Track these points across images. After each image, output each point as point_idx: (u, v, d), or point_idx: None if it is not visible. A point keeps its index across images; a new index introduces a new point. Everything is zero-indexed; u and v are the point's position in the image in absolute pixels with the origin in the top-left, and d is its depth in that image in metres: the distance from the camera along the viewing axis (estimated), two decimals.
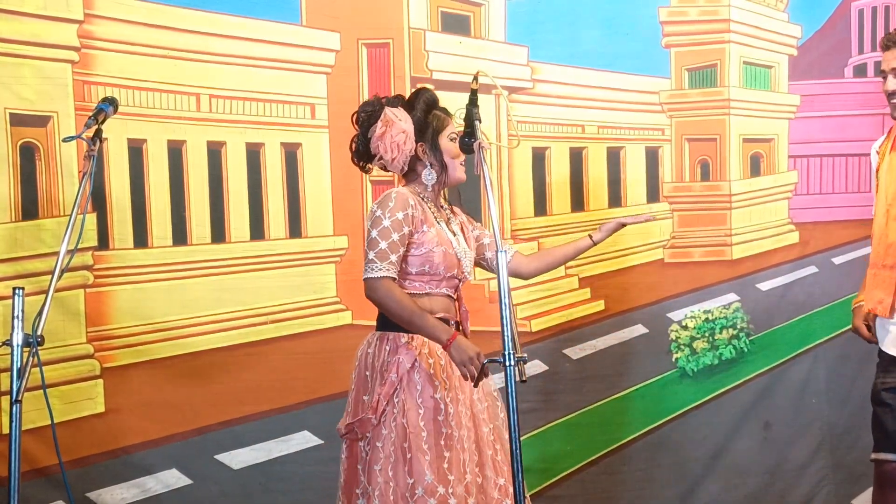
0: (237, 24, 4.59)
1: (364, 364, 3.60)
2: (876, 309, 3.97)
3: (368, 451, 3.52)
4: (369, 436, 3.51)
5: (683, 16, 5.43)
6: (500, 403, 3.70)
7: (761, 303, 5.51)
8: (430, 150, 3.64)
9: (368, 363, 3.58)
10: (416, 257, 3.56)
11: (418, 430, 3.47)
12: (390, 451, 3.48)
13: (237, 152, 4.65)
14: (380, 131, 3.59)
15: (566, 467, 5.14)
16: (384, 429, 3.49)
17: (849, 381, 5.43)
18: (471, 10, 5.01)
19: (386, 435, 3.49)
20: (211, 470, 4.58)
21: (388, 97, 3.71)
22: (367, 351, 3.60)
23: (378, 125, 3.60)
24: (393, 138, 3.58)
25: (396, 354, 3.52)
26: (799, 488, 5.47)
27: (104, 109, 3.56)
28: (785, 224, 5.59)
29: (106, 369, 4.41)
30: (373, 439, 3.51)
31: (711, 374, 5.42)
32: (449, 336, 3.43)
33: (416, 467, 3.44)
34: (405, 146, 3.59)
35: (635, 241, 5.29)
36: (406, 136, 3.59)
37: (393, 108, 3.63)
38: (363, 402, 3.56)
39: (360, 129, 3.66)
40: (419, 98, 3.69)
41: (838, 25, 5.70)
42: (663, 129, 5.41)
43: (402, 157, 3.60)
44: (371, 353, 3.58)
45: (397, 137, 3.58)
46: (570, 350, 5.18)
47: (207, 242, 4.60)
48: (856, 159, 5.59)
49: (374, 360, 3.56)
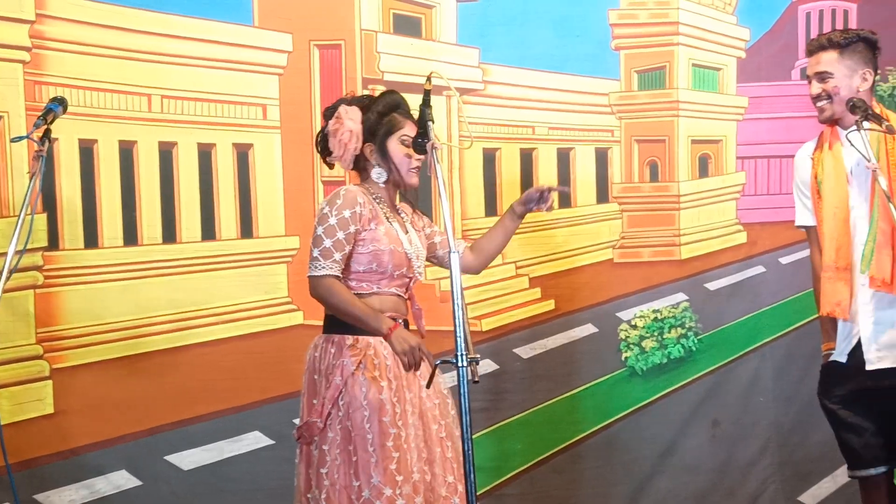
0: (189, 25, 4.58)
1: (312, 367, 3.63)
2: (834, 311, 3.95)
3: (316, 455, 3.55)
4: (317, 439, 3.54)
5: (633, 18, 5.47)
6: (451, 401, 3.72)
7: (709, 302, 5.56)
8: (378, 152, 3.67)
9: (315, 366, 3.61)
10: (364, 255, 3.60)
11: (363, 431, 3.49)
12: (336, 454, 3.51)
13: (188, 153, 4.64)
14: (332, 127, 3.67)
15: (516, 466, 5.16)
16: (330, 432, 3.52)
17: (796, 379, 5.50)
18: (422, 12, 5.03)
19: (332, 438, 3.52)
20: (161, 471, 4.55)
21: (357, 96, 3.78)
22: (314, 354, 3.63)
23: (332, 121, 3.67)
24: (340, 136, 3.64)
25: (341, 357, 3.55)
26: (747, 485, 5.53)
27: (53, 109, 3.55)
28: (733, 224, 5.65)
29: (55, 370, 4.38)
30: (319, 443, 3.53)
31: (660, 373, 5.47)
32: (390, 326, 3.49)
33: (362, 469, 3.47)
34: (350, 144, 3.64)
35: (585, 241, 5.34)
36: (351, 136, 3.64)
37: (349, 106, 3.68)
38: (312, 406, 3.58)
39: (325, 122, 3.74)
40: (378, 100, 3.75)
41: (786, 28, 5.77)
42: (613, 130, 5.44)
43: (348, 156, 3.66)
44: (317, 357, 3.61)
45: (343, 136, 3.64)
46: (520, 349, 5.21)
47: (159, 243, 4.58)
48: None
49: (320, 364, 3.59)
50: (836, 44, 3.90)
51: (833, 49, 3.90)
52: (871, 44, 3.95)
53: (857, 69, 3.90)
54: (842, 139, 3.93)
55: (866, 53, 3.93)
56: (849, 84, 3.89)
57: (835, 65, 3.90)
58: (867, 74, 3.91)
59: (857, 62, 3.90)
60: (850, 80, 3.89)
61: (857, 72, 3.90)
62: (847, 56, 3.90)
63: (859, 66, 3.90)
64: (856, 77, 3.89)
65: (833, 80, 3.90)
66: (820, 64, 3.93)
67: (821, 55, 3.93)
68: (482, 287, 5.07)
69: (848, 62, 3.89)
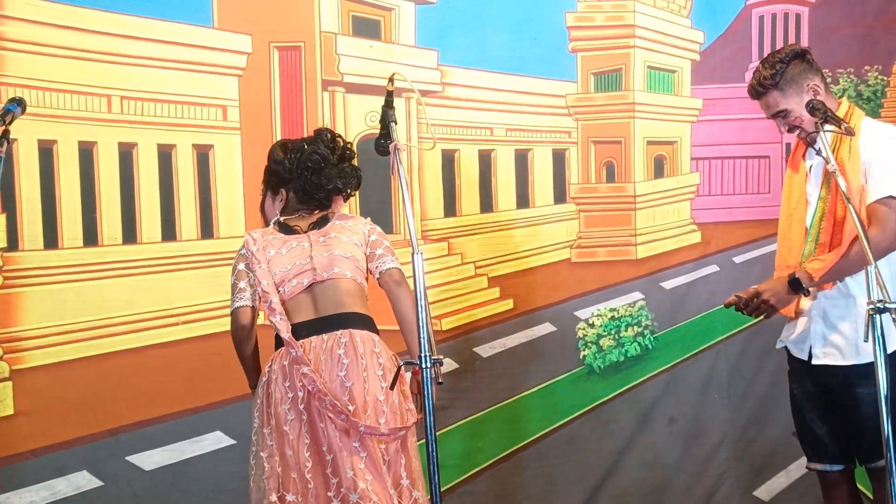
0: (149, 26, 4.57)
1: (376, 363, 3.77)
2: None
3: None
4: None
5: (590, 21, 5.51)
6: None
7: (665, 301, 5.62)
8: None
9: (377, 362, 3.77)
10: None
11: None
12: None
13: (148, 154, 4.63)
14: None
15: (477, 464, 5.19)
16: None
17: (750, 376, 5.59)
18: (381, 14, 5.05)
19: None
20: (122, 471, 4.54)
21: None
22: (378, 349, 3.78)
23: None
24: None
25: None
26: (703, 481, 5.59)
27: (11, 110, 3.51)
28: (687, 224, 5.71)
29: (15, 371, 4.35)
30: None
31: (618, 371, 5.52)
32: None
33: None
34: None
35: (543, 241, 5.38)
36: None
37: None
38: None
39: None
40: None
41: (739, 31, 5.82)
42: (570, 131, 5.49)
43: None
44: (378, 352, 3.76)
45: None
46: (480, 348, 5.24)
47: (119, 243, 4.56)
48: (755, 161, 5.74)
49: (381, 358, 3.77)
50: (771, 84, 3.88)
51: (772, 89, 3.89)
52: (800, 55, 3.93)
53: (802, 89, 3.88)
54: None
55: (800, 67, 3.90)
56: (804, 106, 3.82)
57: (783, 101, 3.89)
58: (814, 86, 3.89)
59: (798, 83, 3.88)
60: (803, 103, 3.82)
61: (804, 91, 3.88)
62: (786, 85, 3.88)
63: (801, 84, 3.88)
64: (806, 95, 3.86)
65: (792, 113, 3.89)
66: (770, 107, 3.93)
67: (766, 99, 3.93)
68: (442, 287, 5.11)
69: (791, 90, 3.88)
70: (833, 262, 3.76)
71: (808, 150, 4.01)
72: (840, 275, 3.83)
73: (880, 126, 3.91)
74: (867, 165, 3.77)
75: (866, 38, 5.80)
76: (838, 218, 3.80)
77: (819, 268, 3.76)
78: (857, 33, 5.77)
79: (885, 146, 3.80)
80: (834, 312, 3.92)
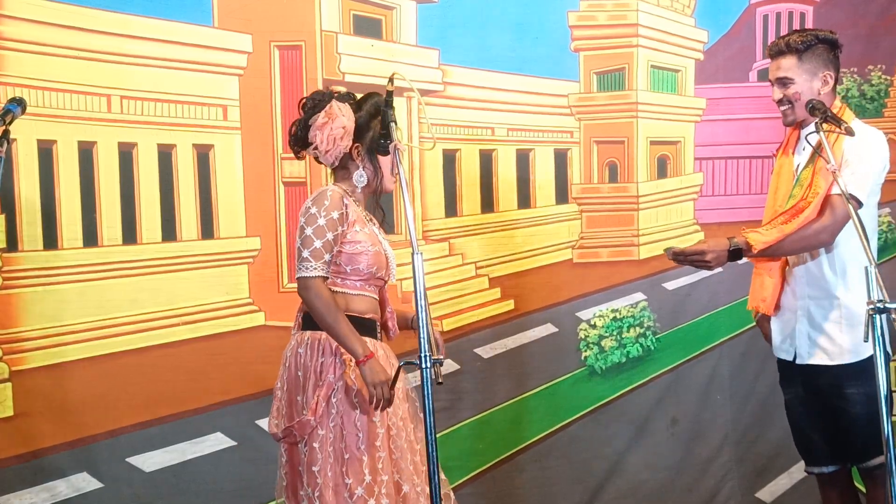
0: (149, 26, 4.56)
1: (295, 364, 3.60)
2: (759, 307, 4.10)
3: (306, 453, 3.52)
4: (305, 437, 3.52)
5: (592, 20, 5.50)
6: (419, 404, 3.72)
7: (667, 302, 5.61)
8: (366, 153, 3.66)
9: (300, 363, 3.58)
10: (350, 255, 3.58)
11: (354, 430, 3.50)
12: (329, 452, 3.50)
13: (149, 154, 4.62)
14: (321, 122, 3.61)
15: (477, 465, 5.19)
16: (321, 429, 3.50)
17: (752, 377, 5.57)
18: (382, 13, 5.04)
19: (323, 436, 3.50)
20: (123, 472, 4.54)
21: (341, 92, 3.71)
22: (298, 350, 3.60)
23: (321, 115, 3.62)
24: (332, 131, 3.60)
25: (332, 355, 3.54)
26: (704, 482, 5.58)
27: (12, 110, 3.51)
28: (690, 225, 5.70)
29: (15, 372, 4.35)
30: (309, 440, 3.51)
31: (619, 372, 5.51)
32: (365, 354, 3.45)
33: (354, 468, 3.48)
34: (341, 142, 3.61)
35: (544, 241, 5.37)
36: (344, 132, 3.61)
37: (340, 102, 3.65)
38: (297, 403, 3.57)
39: (304, 114, 3.68)
40: (368, 100, 3.70)
41: (743, 30, 5.81)
42: (572, 131, 5.48)
43: (336, 152, 3.63)
44: (303, 354, 3.58)
45: (336, 131, 3.60)
46: (480, 349, 5.23)
47: (119, 244, 4.56)
48: (759, 161, 5.71)
49: (308, 360, 3.56)
50: (794, 49, 3.90)
51: (792, 54, 3.91)
52: (832, 44, 3.96)
53: (818, 72, 3.91)
54: (801, 140, 3.97)
55: (826, 55, 3.94)
56: (809, 88, 3.90)
57: (795, 70, 3.91)
58: (828, 77, 3.92)
59: (817, 65, 3.92)
60: (811, 84, 3.91)
61: (818, 75, 3.91)
62: (807, 60, 3.91)
63: (819, 69, 3.92)
64: (816, 80, 3.91)
65: (794, 85, 3.91)
66: (780, 70, 3.94)
67: (780, 60, 3.95)
68: (443, 287, 5.10)
69: (808, 66, 3.91)
70: (775, 240, 3.81)
71: (797, 145, 4.02)
72: (777, 254, 3.92)
73: (867, 129, 3.90)
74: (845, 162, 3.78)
75: (870, 37, 5.79)
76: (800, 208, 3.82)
77: (760, 241, 3.81)
78: (861, 33, 5.76)
79: (865, 149, 3.82)
80: (818, 313, 3.94)
